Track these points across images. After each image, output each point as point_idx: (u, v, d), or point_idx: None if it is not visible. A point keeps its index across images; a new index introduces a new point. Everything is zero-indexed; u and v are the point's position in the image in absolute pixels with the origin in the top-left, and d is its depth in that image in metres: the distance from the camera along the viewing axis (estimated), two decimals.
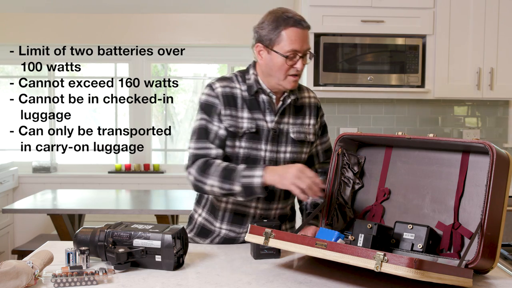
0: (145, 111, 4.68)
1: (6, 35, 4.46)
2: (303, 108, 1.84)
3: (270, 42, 1.68)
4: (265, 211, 1.80)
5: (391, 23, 3.31)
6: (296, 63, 1.68)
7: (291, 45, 1.66)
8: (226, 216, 1.80)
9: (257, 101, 1.76)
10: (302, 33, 1.68)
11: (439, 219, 1.54)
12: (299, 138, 1.80)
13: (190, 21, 4.47)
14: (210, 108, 1.74)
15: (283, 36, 1.66)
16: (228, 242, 1.82)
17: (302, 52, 1.68)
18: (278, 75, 1.70)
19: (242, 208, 1.78)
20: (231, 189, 1.64)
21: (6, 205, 4.15)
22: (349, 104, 3.69)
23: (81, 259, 1.46)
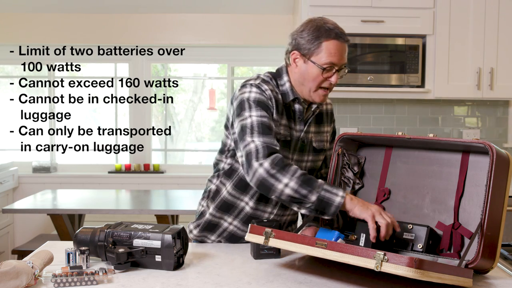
0: (145, 111, 4.68)
1: (6, 35, 4.46)
2: (322, 116, 1.85)
3: (308, 52, 1.66)
4: (278, 217, 1.81)
5: (391, 23, 3.31)
6: (331, 76, 1.67)
7: (329, 57, 1.64)
8: (241, 215, 1.79)
9: (293, 110, 1.75)
10: (342, 47, 1.66)
11: (439, 219, 1.54)
12: (319, 146, 1.83)
13: (190, 21, 4.47)
14: (267, 107, 1.66)
15: (323, 48, 1.64)
16: (234, 238, 1.82)
17: (339, 66, 1.67)
18: (311, 85, 1.68)
19: (258, 213, 1.78)
20: (306, 196, 1.52)
21: (6, 205, 4.16)
22: (349, 104, 3.69)
23: (81, 259, 1.46)
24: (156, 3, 4.32)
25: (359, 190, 1.73)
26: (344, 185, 1.71)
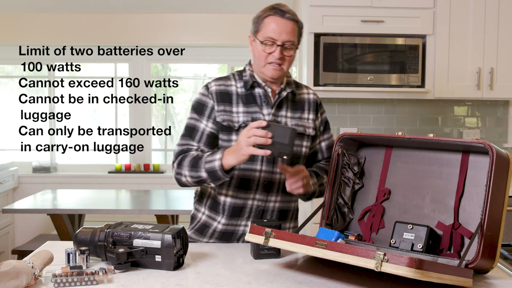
0: (145, 111, 4.68)
1: (6, 35, 4.46)
2: (302, 103, 1.87)
3: (255, 30, 1.77)
4: (263, 203, 1.81)
5: (391, 23, 3.31)
6: (273, 51, 1.73)
7: (268, 32, 1.72)
8: (226, 210, 1.81)
9: (253, 95, 1.81)
10: (283, 23, 1.72)
11: (439, 219, 1.54)
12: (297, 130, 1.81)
13: (190, 21, 4.47)
14: (201, 107, 1.81)
15: (264, 24, 1.74)
16: (227, 236, 1.83)
17: (281, 41, 1.72)
18: (258, 62, 1.77)
19: (240, 201, 1.80)
20: (199, 176, 1.70)
21: (6, 205, 4.16)
22: (349, 104, 3.69)
23: (81, 259, 1.46)
24: (156, 3, 4.32)
25: (359, 190, 1.73)
26: (344, 185, 1.71)
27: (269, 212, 1.82)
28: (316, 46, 3.35)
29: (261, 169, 1.78)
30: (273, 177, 1.80)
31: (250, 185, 1.79)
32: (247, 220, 1.81)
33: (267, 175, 1.79)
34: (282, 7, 1.75)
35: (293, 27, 1.74)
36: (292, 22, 1.74)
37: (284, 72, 1.79)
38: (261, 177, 1.79)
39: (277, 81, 1.81)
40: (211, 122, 1.79)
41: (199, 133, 1.80)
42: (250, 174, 1.78)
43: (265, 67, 1.76)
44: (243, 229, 1.82)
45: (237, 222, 1.82)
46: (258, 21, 1.76)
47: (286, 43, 1.73)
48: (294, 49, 1.77)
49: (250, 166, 1.77)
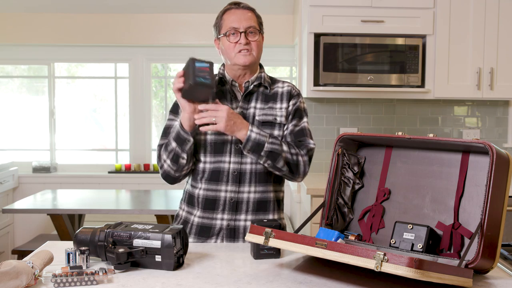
0: (145, 111, 4.68)
1: (6, 35, 4.46)
2: (274, 95, 1.91)
3: (218, 31, 1.88)
4: (236, 194, 1.83)
5: (391, 23, 3.31)
6: (239, 39, 1.81)
7: (229, 24, 1.83)
8: (200, 203, 1.86)
9: (222, 92, 1.89)
10: (240, 13, 1.83)
11: (439, 219, 1.54)
12: (264, 119, 1.85)
13: (190, 21, 4.47)
14: (176, 108, 1.90)
15: (223, 20, 1.86)
16: (204, 230, 1.86)
17: (243, 28, 1.81)
18: (229, 55, 1.85)
19: (213, 193, 1.84)
20: (172, 149, 1.79)
21: (6, 205, 4.16)
22: (349, 104, 3.69)
23: (81, 259, 1.46)
24: (156, 3, 4.32)
25: (359, 190, 1.73)
26: (344, 185, 1.72)
27: (244, 203, 1.84)
28: (316, 46, 3.35)
29: (230, 160, 1.83)
30: (243, 168, 1.83)
31: (220, 176, 1.83)
32: (222, 213, 1.84)
33: (236, 166, 1.83)
34: (235, 1, 1.87)
35: (250, 15, 1.84)
36: (248, 10, 1.85)
37: (255, 58, 1.84)
38: (230, 168, 1.83)
39: (250, 68, 1.86)
40: None
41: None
42: (219, 166, 1.83)
43: (235, 56, 1.82)
44: (220, 223, 1.84)
45: (213, 215, 1.85)
46: (218, 21, 1.87)
47: (248, 29, 1.81)
48: (258, 34, 1.84)
49: (219, 158, 1.83)
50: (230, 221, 1.84)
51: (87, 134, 4.81)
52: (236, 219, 1.84)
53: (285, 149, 1.79)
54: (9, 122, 4.74)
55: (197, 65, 1.67)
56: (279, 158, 1.77)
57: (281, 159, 1.78)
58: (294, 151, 1.81)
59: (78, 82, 4.81)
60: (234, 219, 1.84)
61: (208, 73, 1.67)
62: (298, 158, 1.81)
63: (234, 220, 1.84)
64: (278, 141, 1.79)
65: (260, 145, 1.75)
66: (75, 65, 4.83)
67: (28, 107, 4.74)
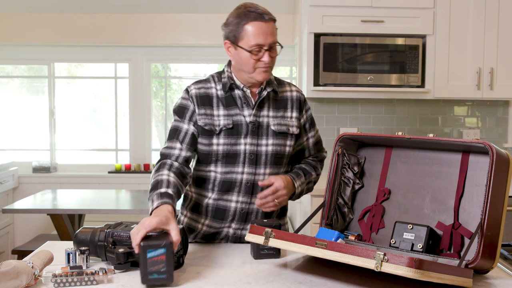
0: (145, 111, 4.68)
1: (6, 35, 4.46)
2: (284, 101, 1.85)
3: (235, 39, 1.72)
4: (247, 205, 1.80)
5: (391, 23, 3.31)
6: (262, 56, 1.71)
7: (254, 39, 1.69)
8: (209, 212, 1.81)
9: (233, 97, 1.79)
10: (266, 26, 1.70)
11: (439, 219, 1.54)
12: (280, 130, 1.81)
13: (190, 21, 4.47)
14: (182, 110, 1.78)
15: (246, 31, 1.69)
16: (209, 238, 1.84)
17: (267, 45, 1.71)
18: (247, 69, 1.74)
19: (224, 203, 1.80)
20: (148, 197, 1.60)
21: (6, 205, 4.16)
22: (349, 104, 3.69)
23: (81, 259, 1.46)
24: (156, 3, 4.32)
25: (359, 190, 1.73)
26: (344, 185, 1.72)
27: (253, 214, 1.82)
28: (316, 46, 3.35)
29: (243, 171, 1.77)
30: (256, 179, 1.78)
31: (232, 187, 1.78)
32: (230, 223, 1.81)
33: (249, 176, 1.77)
34: (257, 9, 1.71)
35: (273, 27, 1.74)
36: (272, 23, 1.73)
37: (271, 72, 1.80)
38: (243, 179, 1.77)
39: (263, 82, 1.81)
40: (192, 125, 1.77)
41: (183, 133, 1.77)
42: (231, 177, 1.77)
43: (255, 72, 1.73)
44: (226, 230, 1.82)
45: (221, 225, 1.82)
46: (236, 29, 1.71)
47: (271, 44, 1.73)
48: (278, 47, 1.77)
49: (232, 169, 1.76)
50: (237, 230, 1.82)
51: (87, 134, 4.81)
52: (244, 228, 1.82)
53: (313, 178, 1.92)
54: (9, 122, 4.74)
55: (149, 255, 1.31)
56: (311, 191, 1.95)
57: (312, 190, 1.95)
58: (320, 171, 1.96)
59: (78, 82, 4.81)
60: (242, 228, 1.82)
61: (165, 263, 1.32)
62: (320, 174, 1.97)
63: (241, 229, 1.82)
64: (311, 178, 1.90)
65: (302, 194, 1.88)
66: (75, 65, 4.83)
67: (28, 107, 4.74)
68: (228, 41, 1.75)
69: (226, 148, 1.75)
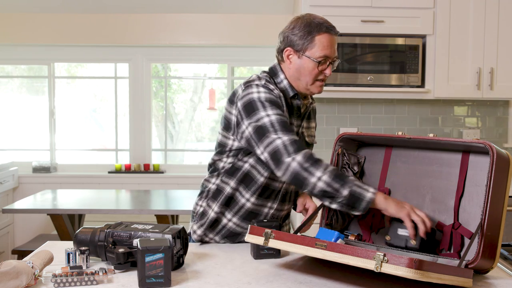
0: (145, 111, 4.68)
1: (6, 35, 4.46)
2: (310, 112, 1.91)
3: (302, 47, 1.71)
4: (277, 212, 1.83)
5: (391, 23, 3.31)
6: (326, 68, 1.73)
7: (323, 50, 1.70)
8: (242, 212, 1.79)
9: (292, 106, 1.79)
10: (333, 40, 1.72)
11: (439, 219, 1.54)
12: (310, 141, 1.89)
13: (190, 21, 4.47)
14: (280, 106, 1.68)
15: (316, 42, 1.69)
16: (233, 235, 1.82)
17: (332, 58, 1.73)
18: (308, 79, 1.73)
19: (258, 208, 1.80)
20: (338, 190, 1.51)
21: (6, 205, 4.16)
22: (349, 104, 3.69)
23: (81, 259, 1.46)
24: (156, 3, 4.32)
25: None
26: None
27: (280, 218, 1.88)
28: None
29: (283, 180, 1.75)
30: (289, 188, 1.83)
31: (271, 194, 1.79)
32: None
33: (287, 186, 1.81)
34: (327, 23, 1.71)
35: (336, 42, 1.76)
36: (336, 37, 1.75)
37: None
38: (282, 187, 1.80)
39: None
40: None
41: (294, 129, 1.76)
42: (273, 184, 1.78)
43: (313, 84, 1.74)
44: None
45: (248, 226, 1.80)
46: (307, 36, 1.69)
47: (335, 59, 1.75)
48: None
49: (275, 177, 1.73)
50: None
51: (87, 134, 4.81)
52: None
53: None
54: (9, 122, 4.74)
55: (147, 259, 1.33)
56: None
57: None
58: None
59: (78, 82, 4.81)
60: None
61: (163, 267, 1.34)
62: None
63: None
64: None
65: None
66: (75, 65, 4.83)
67: (28, 107, 4.73)
68: (292, 49, 1.72)
69: None
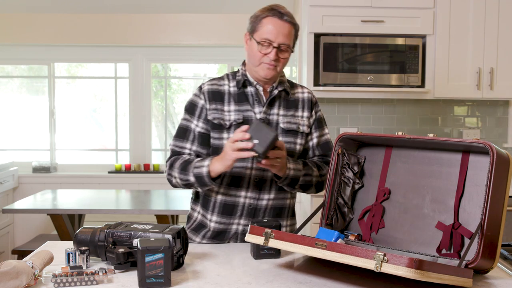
0: (145, 111, 4.68)
1: (6, 35, 4.46)
2: (296, 102, 1.88)
3: (252, 30, 1.78)
4: (255, 201, 1.81)
5: (391, 23, 3.31)
6: (269, 53, 1.74)
7: (265, 33, 1.73)
8: (216, 208, 1.82)
9: (245, 94, 1.83)
10: (281, 25, 1.74)
11: (439, 219, 1.54)
12: (289, 127, 1.83)
13: (190, 21, 4.47)
14: (193, 107, 1.83)
15: (262, 24, 1.75)
16: (219, 235, 1.84)
17: (277, 43, 1.74)
18: (253, 61, 1.79)
19: (232, 199, 1.81)
20: (188, 180, 1.74)
21: (6, 205, 4.16)
22: (349, 104, 3.69)
23: (81, 259, 1.46)
24: (156, 3, 4.32)
25: (359, 190, 1.73)
26: (344, 184, 1.71)
27: (262, 210, 1.82)
28: (316, 46, 3.35)
29: (252, 166, 1.79)
30: (265, 175, 1.80)
31: (241, 182, 1.80)
32: (239, 219, 1.81)
33: (258, 172, 1.79)
34: (280, 9, 1.75)
35: (290, 30, 1.75)
36: (289, 25, 1.75)
37: (278, 72, 1.80)
38: (252, 174, 1.79)
39: (270, 81, 1.82)
40: (201, 122, 1.81)
41: (192, 133, 1.83)
42: (241, 172, 1.79)
43: (259, 66, 1.77)
44: (235, 227, 1.82)
45: (229, 221, 1.82)
46: (256, 21, 1.77)
47: (282, 45, 1.74)
48: (289, 51, 1.78)
49: (241, 164, 1.78)
50: (246, 226, 1.82)
51: (87, 134, 4.81)
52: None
53: (315, 174, 1.82)
54: (9, 122, 4.74)
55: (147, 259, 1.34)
56: (311, 188, 1.84)
57: (312, 188, 1.84)
58: (323, 171, 1.85)
59: (78, 82, 4.81)
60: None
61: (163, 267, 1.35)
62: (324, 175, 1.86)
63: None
64: (310, 171, 1.81)
65: (295, 180, 1.77)
66: (75, 65, 4.83)
67: (28, 107, 4.74)
68: (248, 32, 1.80)
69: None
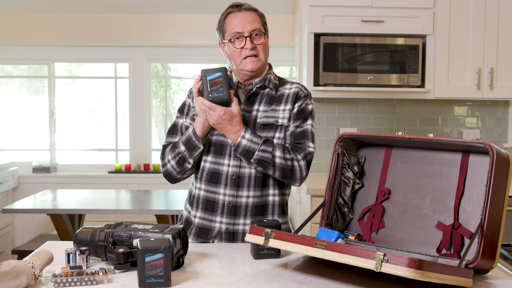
0: (145, 111, 4.68)
1: (6, 35, 4.46)
2: (280, 97, 1.86)
3: (222, 35, 1.83)
4: (234, 198, 1.81)
5: (391, 23, 3.31)
6: (245, 45, 1.77)
7: (233, 28, 1.77)
8: (200, 204, 1.86)
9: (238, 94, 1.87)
10: (242, 15, 1.78)
11: (439, 219, 1.54)
12: (266, 122, 1.82)
13: (190, 21, 4.47)
14: (183, 107, 1.93)
15: (226, 23, 1.80)
16: (203, 232, 1.85)
17: (248, 33, 1.77)
18: (235, 61, 1.81)
19: (211, 195, 1.84)
20: (179, 152, 1.80)
21: (6, 205, 4.16)
22: (349, 104, 3.69)
23: (81, 259, 1.46)
24: (156, 3, 4.32)
25: (359, 190, 1.73)
26: (344, 185, 1.71)
27: (243, 208, 1.82)
28: (316, 46, 3.35)
29: (229, 163, 1.81)
30: (241, 172, 1.81)
31: (219, 179, 1.82)
32: (221, 217, 1.83)
33: (234, 169, 1.81)
34: (237, 3, 1.81)
35: (253, 16, 1.79)
36: (250, 12, 1.79)
37: (263, 62, 1.81)
38: (229, 171, 1.81)
39: (257, 73, 1.83)
40: (189, 118, 1.89)
41: (179, 128, 1.90)
42: (218, 168, 1.82)
43: (242, 63, 1.79)
44: (218, 226, 1.83)
45: (212, 218, 1.84)
46: (221, 25, 1.82)
47: (252, 32, 1.77)
48: (263, 36, 1.80)
49: (218, 160, 1.82)
50: (229, 225, 1.83)
51: (87, 134, 4.81)
52: (235, 223, 1.83)
53: (277, 154, 1.75)
54: (9, 122, 4.74)
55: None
56: (269, 166, 1.75)
57: (271, 167, 1.76)
58: (289, 156, 1.77)
59: (78, 82, 4.81)
60: (233, 223, 1.83)
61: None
62: (294, 164, 1.77)
63: (233, 224, 1.83)
64: (270, 148, 1.74)
65: (250, 152, 1.74)
66: (75, 65, 4.83)
67: (28, 107, 4.74)
68: (219, 41, 1.85)
69: (215, 138, 1.83)
